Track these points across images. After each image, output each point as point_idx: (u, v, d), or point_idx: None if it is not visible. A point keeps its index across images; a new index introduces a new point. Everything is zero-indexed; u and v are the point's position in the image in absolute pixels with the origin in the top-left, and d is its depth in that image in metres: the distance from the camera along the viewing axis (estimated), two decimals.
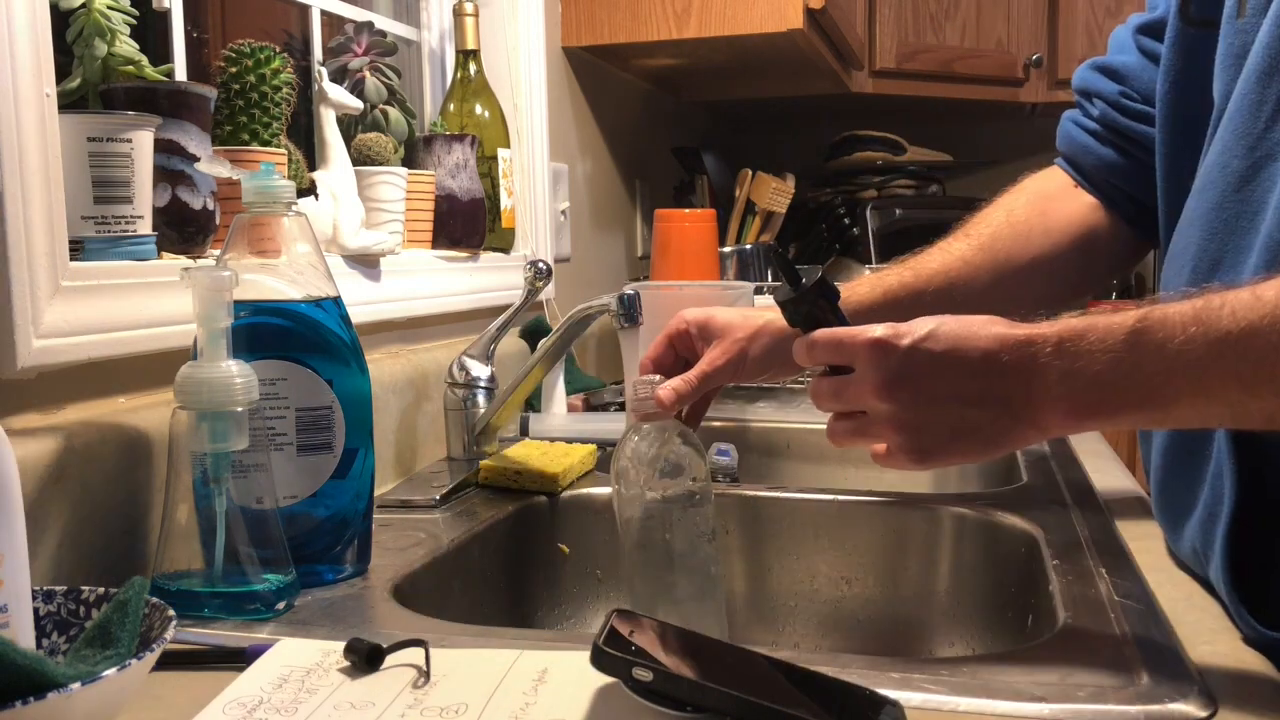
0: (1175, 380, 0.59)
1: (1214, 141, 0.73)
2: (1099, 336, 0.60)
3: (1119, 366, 0.60)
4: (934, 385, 0.64)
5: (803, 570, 1.07)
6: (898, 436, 0.67)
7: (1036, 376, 0.62)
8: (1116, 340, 0.60)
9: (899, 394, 0.65)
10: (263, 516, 0.74)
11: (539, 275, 1.15)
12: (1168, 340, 0.58)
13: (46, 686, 0.46)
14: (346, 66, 1.24)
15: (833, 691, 0.56)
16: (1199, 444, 0.73)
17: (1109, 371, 0.60)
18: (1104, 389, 0.60)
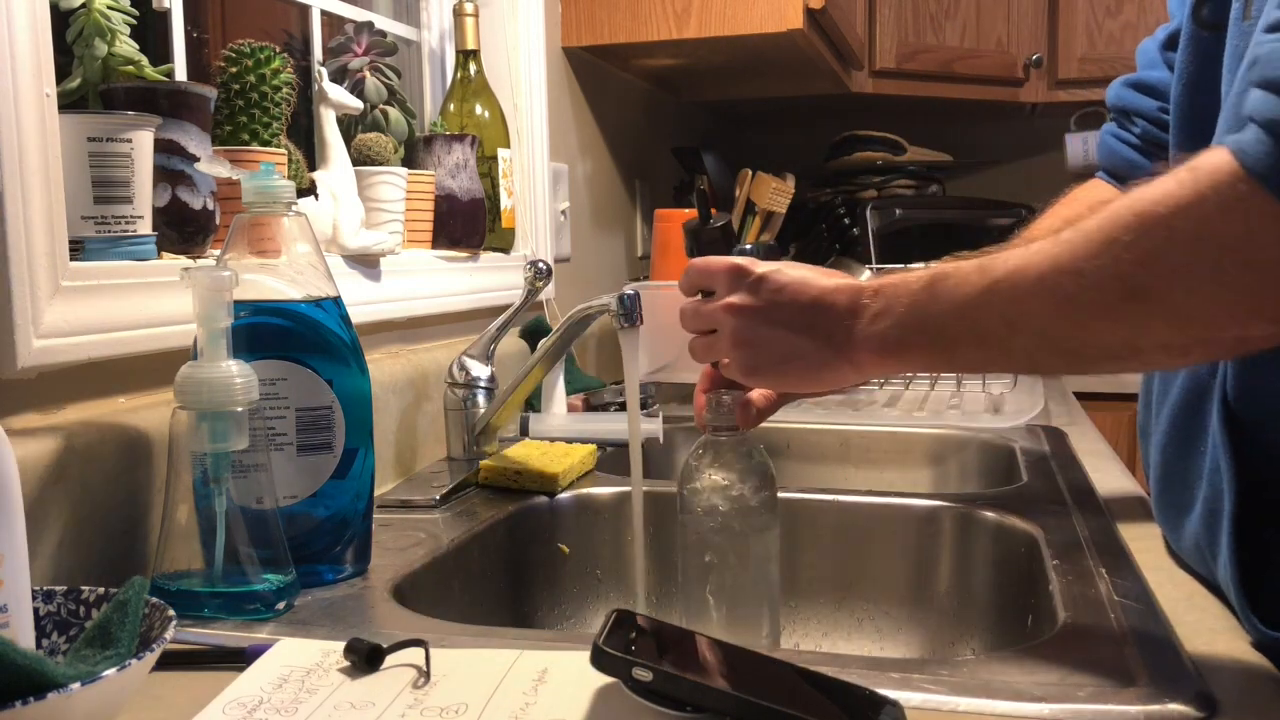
0: (956, 322, 0.65)
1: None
2: (906, 284, 0.68)
3: (914, 310, 0.67)
4: (773, 310, 0.73)
5: (803, 570, 1.07)
6: (735, 351, 0.75)
7: (856, 316, 0.70)
8: (919, 286, 0.67)
9: (743, 312, 0.74)
10: (263, 516, 0.74)
11: (539, 275, 1.15)
12: (956, 287, 0.65)
13: (46, 686, 0.46)
14: (346, 66, 1.24)
15: (833, 691, 0.56)
16: (1194, 439, 0.73)
17: (908, 315, 0.67)
18: (903, 330, 0.68)
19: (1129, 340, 0.60)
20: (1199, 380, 0.74)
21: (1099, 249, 0.58)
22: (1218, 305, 0.56)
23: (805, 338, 0.72)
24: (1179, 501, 0.77)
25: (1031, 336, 0.63)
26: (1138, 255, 0.56)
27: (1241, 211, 0.53)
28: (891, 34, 2.28)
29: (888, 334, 0.68)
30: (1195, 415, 0.74)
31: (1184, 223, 0.55)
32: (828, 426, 1.44)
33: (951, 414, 1.49)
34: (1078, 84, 2.47)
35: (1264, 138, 0.53)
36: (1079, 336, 0.61)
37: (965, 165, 2.74)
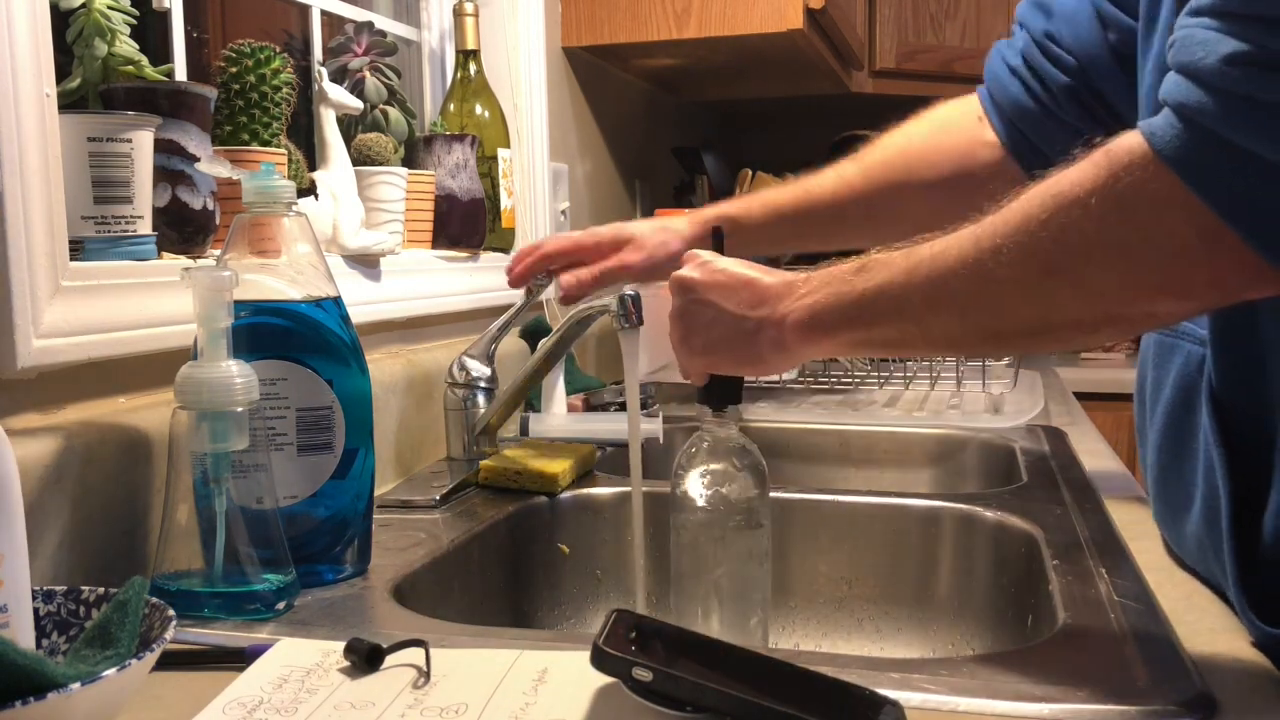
0: (878, 301, 0.68)
1: None
2: (838, 268, 0.71)
3: (842, 290, 0.70)
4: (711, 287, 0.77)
5: (803, 570, 1.07)
6: (675, 322, 0.80)
7: (788, 299, 0.73)
8: (848, 270, 0.70)
9: (684, 287, 0.79)
10: (263, 516, 0.74)
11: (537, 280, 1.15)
12: (882, 269, 0.67)
13: (46, 686, 0.46)
14: (346, 66, 1.24)
15: (833, 691, 0.56)
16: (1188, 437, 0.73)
17: (835, 295, 0.70)
18: (830, 310, 0.70)
19: (1043, 317, 0.62)
20: (1188, 379, 0.74)
21: (1016, 227, 0.60)
22: (1128, 282, 0.58)
23: (735, 315, 0.76)
24: (1177, 500, 0.77)
25: (950, 315, 0.65)
26: (1053, 233, 0.58)
27: (1150, 193, 0.55)
28: (891, 34, 2.29)
29: (814, 312, 0.71)
30: (1188, 413, 0.74)
31: (1097, 202, 0.57)
32: (828, 426, 1.44)
33: (951, 414, 1.49)
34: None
35: (1175, 122, 0.54)
36: (996, 314, 0.63)
37: None
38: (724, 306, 0.77)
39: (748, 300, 0.75)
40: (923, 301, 0.65)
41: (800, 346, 0.73)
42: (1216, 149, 0.53)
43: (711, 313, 0.77)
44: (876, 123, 2.77)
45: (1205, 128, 0.53)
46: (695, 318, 0.78)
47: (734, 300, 0.76)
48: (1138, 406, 0.86)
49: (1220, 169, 0.53)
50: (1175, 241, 0.55)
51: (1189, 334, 0.75)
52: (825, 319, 0.71)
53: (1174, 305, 0.59)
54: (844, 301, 0.69)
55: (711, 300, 0.77)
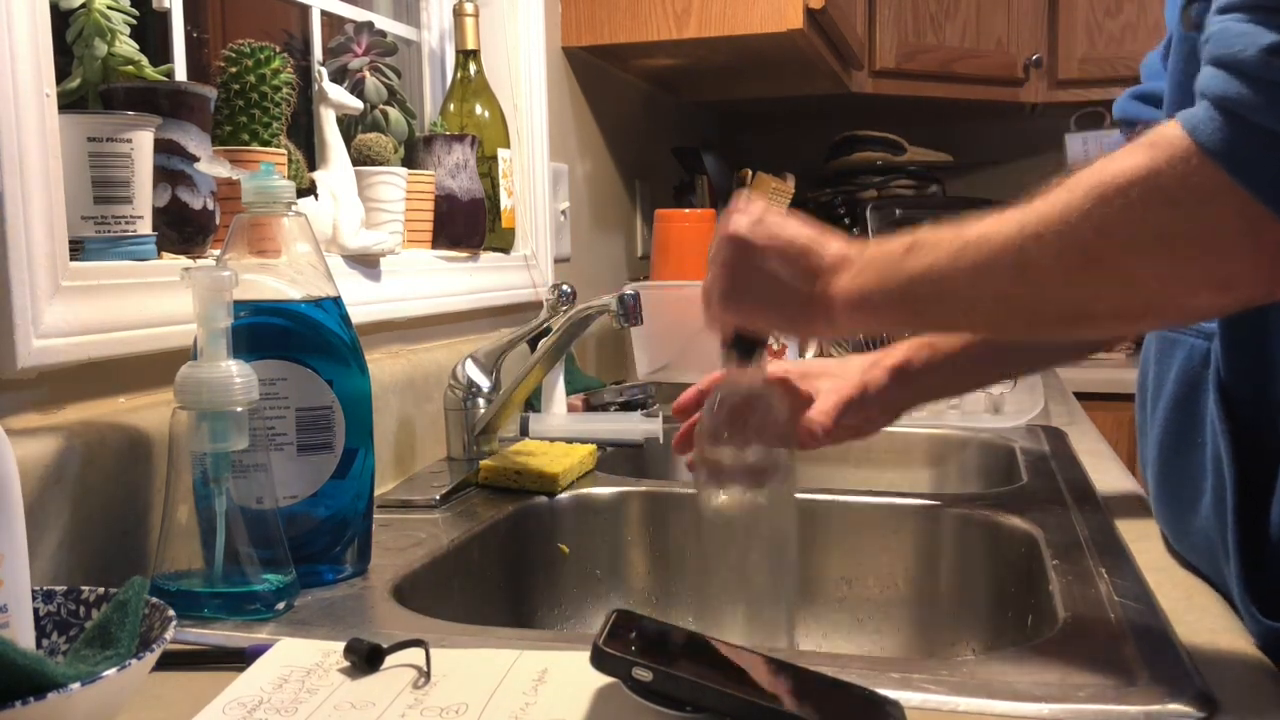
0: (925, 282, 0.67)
1: None
2: (889, 247, 0.69)
3: (891, 272, 0.69)
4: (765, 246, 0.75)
5: (803, 570, 1.07)
6: (720, 272, 0.77)
7: (840, 274, 0.72)
8: (898, 250, 0.68)
9: (736, 242, 0.76)
10: (263, 516, 0.74)
11: (562, 299, 1.14)
12: (931, 249, 0.66)
13: (46, 686, 0.46)
14: (346, 66, 1.24)
15: (833, 691, 0.56)
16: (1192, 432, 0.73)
17: (882, 272, 0.69)
18: (878, 293, 0.70)
19: (1084, 305, 0.62)
20: (1191, 373, 0.74)
21: (1060, 216, 0.60)
22: (1169, 274, 0.58)
23: (787, 279, 0.74)
24: (1181, 496, 0.77)
25: (993, 299, 0.65)
26: (1096, 223, 0.58)
27: (1194, 186, 0.55)
28: (891, 34, 2.29)
29: (863, 293, 0.70)
30: (1191, 408, 0.74)
31: (1140, 194, 0.57)
32: None
33: (951, 414, 1.49)
34: (1078, 84, 2.48)
35: (1215, 114, 0.55)
36: (1037, 299, 0.63)
37: (965, 165, 2.74)
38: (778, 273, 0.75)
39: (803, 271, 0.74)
40: (967, 286, 0.65)
41: (848, 323, 0.73)
42: (1261, 140, 0.53)
43: (763, 277, 0.75)
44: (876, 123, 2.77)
45: (1248, 120, 0.53)
46: (745, 278, 0.77)
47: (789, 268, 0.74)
48: (1139, 404, 0.86)
49: (1265, 159, 0.53)
50: (1219, 234, 0.55)
51: (1191, 328, 0.75)
52: (874, 300, 0.70)
53: (1215, 298, 0.59)
54: (891, 284, 0.69)
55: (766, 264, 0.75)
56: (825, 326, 0.74)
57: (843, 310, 0.72)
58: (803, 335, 0.78)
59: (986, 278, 0.64)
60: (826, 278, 0.73)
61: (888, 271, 0.69)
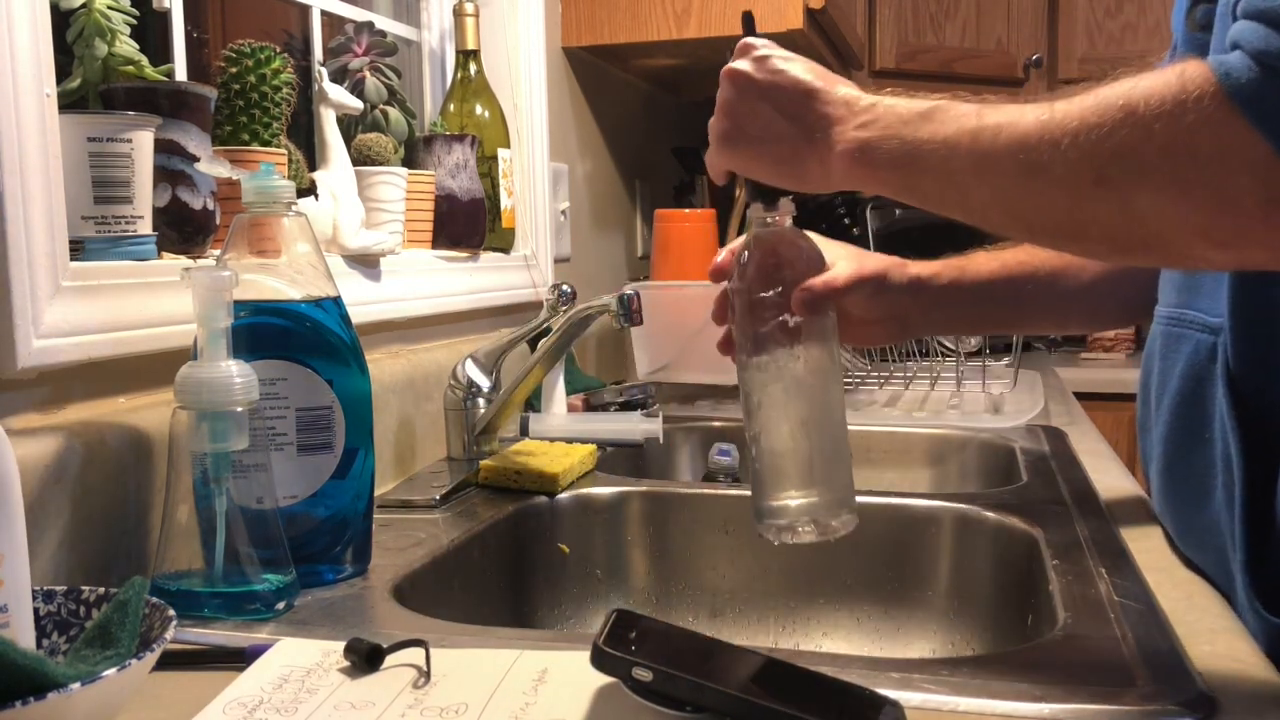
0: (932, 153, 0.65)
1: None
2: (907, 106, 0.68)
3: (901, 129, 0.67)
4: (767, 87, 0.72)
5: (803, 570, 1.07)
6: (719, 116, 0.75)
7: (842, 120, 0.69)
8: (916, 112, 0.67)
9: (738, 80, 0.74)
10: (263, 516, 0.74)
11: (562, 299, 1.14)
12: (949, 120, 0.65)
13: (46, 686, 0.46)
14: (346, 66, 1.24)
15: (833, 691, 0.56)
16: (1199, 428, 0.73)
17: (891, 130, 0.67)
18: (882, 151, 0.67)
19: (1080, 222, 0.61)
20: (1198, 368, 0.74)
21: (1080, 129, 0.59)
22: (1174, 214, 0.57)
23: (787, 122, 0.71)
24: (1187, 494, 0.76)
25: (994, 192, 0.64)
26: (1114, 146, 0.57)
27: (1216, 131, 0.55)
28: (891, 34, 2.29)
29: (867, 142, 0.68)
30: (1198, 403, 0.74)
31: (1163, 128, 0.56)
32: None
33: (951, 414, 1.49)
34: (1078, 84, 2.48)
35: (1251, 64, 0.54)
36: (1037, 205, 0.62)
37: None
38: (777, 114, 0.72)
39: (805, 115, 0.71)
40: (972, 169, 0.64)
41: (844, 176, 0.71)
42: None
43: (762, 119, 0.73)
44: None
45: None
46: (744, 118, 0.74)
47: (790, 110, 0.72)
48: (1141, 401, 0.86)
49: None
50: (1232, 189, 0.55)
51: (1197, 323, 0.74)
52: (875, 157, 0.68)
53: (1212, 252, 0.58)
54: (898, 146, 0.67)
55: (765, 104, 0.72)
56: (820, 177, 0.72)
57: (840, 160, 0.69)
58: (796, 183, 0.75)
59: (994, 170, 0.63)
60: (828, 126, 0.70)
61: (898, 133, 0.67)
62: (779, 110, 0.72)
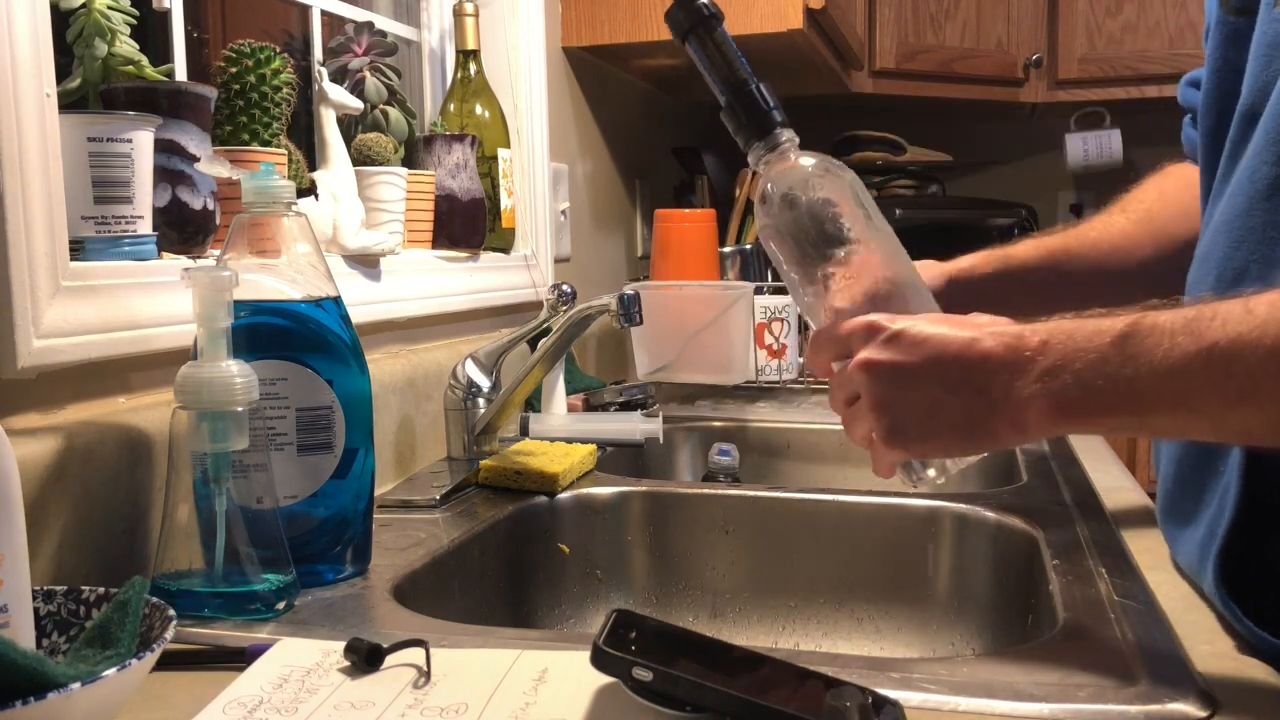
0: (1158, 388, 0.58)
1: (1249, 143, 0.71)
2: (1087, 336, 0.60)
3: (1103, 368, 0.59)
4: (916, 365, 0.64)
5: (803, 570, 1.07)
6: (875, 414, 0.66)
7: (1019, 370, 0.61)
8: (1104, 342, 0.59)
9: (880, 371, 0.65)
10: (263, 516, 0.74)
11: (562, 299, 1.14)
12: (1155, 347, 0.58)
13: (46, 686, 0.46)
14: (346, 66, 1.24)
15: (833, 691, 0.56)
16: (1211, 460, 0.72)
17: (1092, 373, 0.59)
18: (1085, 390, 0.60)
19: None
20: None
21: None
22: None
23: (955, 396, 0.63)
24: (1185, 510, 0.76)
25: (1260, 410, 0.56)
26: None
27: None
28: (891, 34, 2.28)
29: (1064, 395, 0.60)
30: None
31: None
32: (828, 426, 1.44)
33: None
34: (1078, 84, 2.48)
35: None
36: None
37: (965, 165, 2.74)
38: (942, 391, 0.64)
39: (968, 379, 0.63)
40: (1218, 396, 0.56)
41: (1043, 430, 0.63)
42: None
43: (927, 400, 0.64)
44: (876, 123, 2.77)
45: None
46: (907, 409, 0.65)
47: (948, 379, 0.63)
48: None
49: None
50: None
51: None
52: (1088, 404, 0.60)
53: None
54: (1105, 389, 0.59)
55: (921, 385, 0.64)
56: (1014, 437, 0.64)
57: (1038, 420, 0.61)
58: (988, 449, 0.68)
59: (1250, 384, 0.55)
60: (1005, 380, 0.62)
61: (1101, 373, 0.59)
62: (940, 386, 0.64)
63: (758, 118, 0.72)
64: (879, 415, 0.66)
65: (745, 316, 1.52)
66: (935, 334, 0.64)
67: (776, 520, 1.08)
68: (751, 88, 0.72)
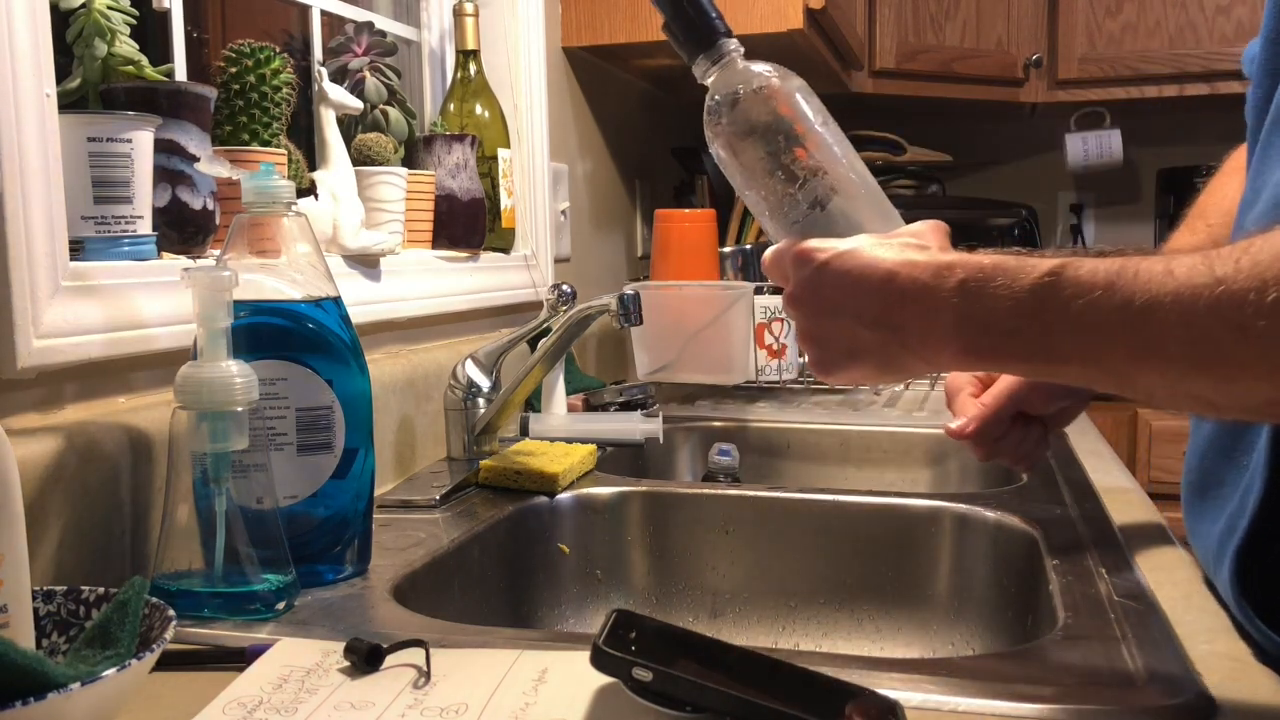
0: (1069, 341, 0.58)
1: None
2: (1005, 281, 0.59)
3: (1017, 316, 0.59)
4: (836, 300, 0.65)
5: (803, 570, 1.07)
6: (804, 346, 0.69)
7: (934, 311, 0.61)
8: (1022, 288, 0.58)
9: (805, 304, 0.67)
10: (263, 516, 0.74)
11: (562, 299, 1.14)
12: (1073, 299, 0.57)
13: (46, 686, 0.46)
14: (346, 66, 1.24)
15: (833, 692, 0.56)
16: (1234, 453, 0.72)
17: (1005, 320, 0.59)
18: (997, 335, 0.60)
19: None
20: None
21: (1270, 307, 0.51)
22: None
23: (871, 331, 0.64)
24: (1207, 502, 0.76)
25: (1162, 377, 0.56)
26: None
27: None
28: (891, 34, 2.28)
29: (977, 339, 0.60)
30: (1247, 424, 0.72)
31: None
32: (828, 426, 1.44)
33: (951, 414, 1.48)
34: (1078, 84, 2.48)
35: None
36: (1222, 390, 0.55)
37: (965, 165, 2.74)
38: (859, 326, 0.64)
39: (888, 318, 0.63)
40: (1126, 354, 0.56)
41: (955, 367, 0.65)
42: None
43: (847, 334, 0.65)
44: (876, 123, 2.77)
45: None
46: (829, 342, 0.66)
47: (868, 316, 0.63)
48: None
49: None
50: None
51: None
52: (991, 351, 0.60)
53: None
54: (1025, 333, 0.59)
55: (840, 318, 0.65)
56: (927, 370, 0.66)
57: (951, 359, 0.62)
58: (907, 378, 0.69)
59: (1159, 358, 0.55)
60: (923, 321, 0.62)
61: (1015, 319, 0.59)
62: (860, 321, 0.64)
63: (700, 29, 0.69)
64: (807, 346, 0.68)
65: (745, 316, 1.52)
66: (857, 266, 0.64)
67: (776, 520, 1.08)
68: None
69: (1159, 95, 2.41)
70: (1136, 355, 0.56)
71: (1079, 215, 2.77)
